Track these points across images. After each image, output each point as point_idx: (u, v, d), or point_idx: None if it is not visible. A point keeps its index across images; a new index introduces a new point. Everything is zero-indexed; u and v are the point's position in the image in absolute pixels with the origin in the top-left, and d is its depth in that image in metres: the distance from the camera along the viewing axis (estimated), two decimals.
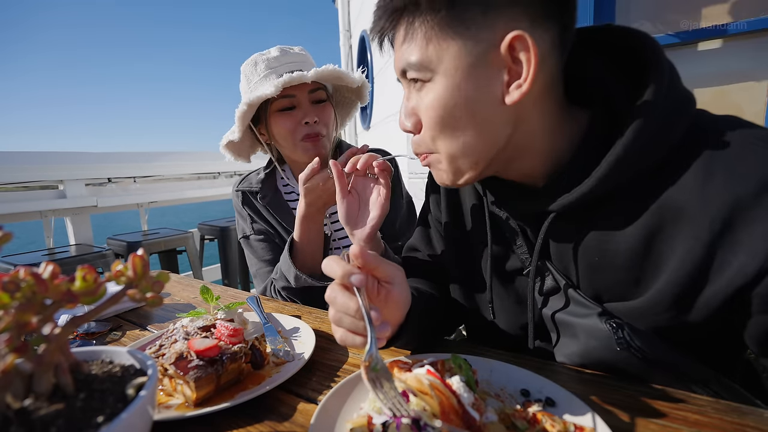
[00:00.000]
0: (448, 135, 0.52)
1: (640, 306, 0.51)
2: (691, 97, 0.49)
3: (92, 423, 0.31)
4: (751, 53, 1.39)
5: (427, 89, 0.51)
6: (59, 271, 0.34)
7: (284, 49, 1.01)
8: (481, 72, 0.48)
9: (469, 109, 0.49)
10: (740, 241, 0.43)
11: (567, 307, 0.58)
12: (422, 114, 0.53)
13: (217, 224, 3.54)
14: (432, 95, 0.51)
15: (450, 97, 0.49)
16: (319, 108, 1.00)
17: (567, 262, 0.57)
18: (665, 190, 0.47)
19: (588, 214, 0.52)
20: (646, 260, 0.50)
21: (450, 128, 0.51)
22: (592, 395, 0.51)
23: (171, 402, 0.53)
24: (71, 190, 3.11)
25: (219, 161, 4.57)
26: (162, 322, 0.85)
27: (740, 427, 0.44)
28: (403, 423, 0.39)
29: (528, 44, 0.45)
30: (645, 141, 0.46)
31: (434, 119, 0.51)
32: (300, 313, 0.84)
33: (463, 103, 0.49)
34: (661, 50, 0.49)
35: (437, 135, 0.52)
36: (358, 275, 0.45)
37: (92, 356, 0.42)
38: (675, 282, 0.47)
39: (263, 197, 1.10)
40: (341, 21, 4.69)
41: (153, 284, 0.36)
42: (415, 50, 0.50)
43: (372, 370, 0.42)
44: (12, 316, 0.31)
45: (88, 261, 2.61)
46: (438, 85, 0.50)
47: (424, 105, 0.52)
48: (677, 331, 0.50)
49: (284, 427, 0.48)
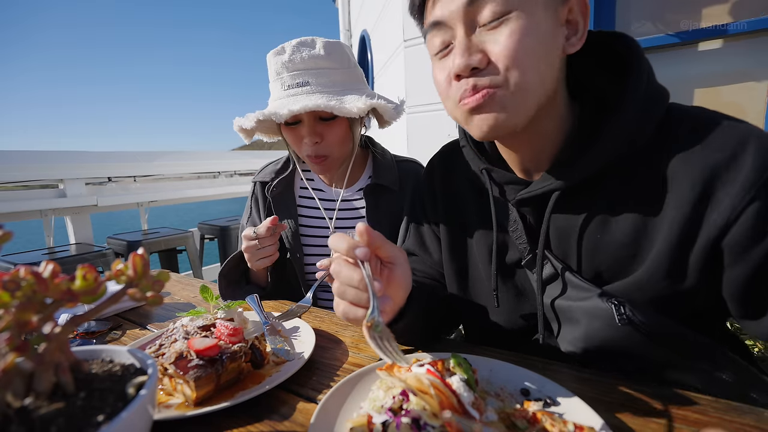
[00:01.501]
0: (527, 64, 0.51)
1: (639, 280, 0.54)
2: (665, 91, 0.55)
3: (92, 422, 0.31)
4: (751, 53, 1.39)
5: (505, 24, 0.50)
6: (59, 270, 0.34)
7: (299, 47, 0.90)
8: (553, 19, 0.52)
9: (546, 44, 0.52)
10: (717, 200, 0.48)
11: (565, 293, 0.60)
12: (498, 45, 0.51)
13: (217, 223, 3.54)
14: (511, 28, 0.50)
15: (533, 28, 0.50)
16: (324, 126, 0.93)
17: (568, 246, 0.59)
18: (653, 166, 0.53)
19: (588, 193, 0.56)
20: (642, 233, 0.54)
21: (530, 57, 0.51)
22: (592, 395, 0.51)
23: (171, 401, 0.53)
24: (71, 189, 3.11)
25: (219, 161, 4.57)
26: (162, 322, 0.85)
27: (740, 426, 0.44)
28: (403, 422, 0.39)
29: (587, 8, 0.53)
30: (631, 122, 0.53)
31: (516, 46, 0.50)
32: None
33: (542, 37, 0.51)
34: (639, 49, 0.56)
35: (515, 63, 0.51)
36: (363, 248, 0.48)
37: (92, 355, 0.42)
38: (667, 248, 0.51)
39: (271, 190, 1.07)
40: (341, 21, 4.69)
41: (153, 283, 0.36)
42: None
43: (374, 330, 0.45)
44: (12, 315, 0.31)
45: (89, 260, 2.61)
46: (520, 18, 0.50)
47: (502, 36, 0.51)
48: (676, 300, 0.53)
49: (284, 426, 0.49)
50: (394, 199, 1.04)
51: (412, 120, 2.36)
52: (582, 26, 0.53)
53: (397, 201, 1.03)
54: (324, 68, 0.91)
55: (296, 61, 0.89)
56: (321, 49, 0.90)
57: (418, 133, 2.37)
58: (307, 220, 1.08)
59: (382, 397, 0.45)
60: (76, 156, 3.30)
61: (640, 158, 0.54)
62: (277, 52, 0.92)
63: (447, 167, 0.79)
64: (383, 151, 1.11)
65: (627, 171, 0.54)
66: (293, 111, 0.84)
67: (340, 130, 0.94)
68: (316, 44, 0.91)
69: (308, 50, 0.90)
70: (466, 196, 0.73)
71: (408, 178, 1.06)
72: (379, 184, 1.02)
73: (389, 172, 1.05)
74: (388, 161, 1.08)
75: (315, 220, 1.08)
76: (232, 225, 3.49)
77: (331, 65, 0.92)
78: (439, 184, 0.78)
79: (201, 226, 3.67)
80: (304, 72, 0.90)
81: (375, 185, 1.03)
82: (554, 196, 0.57)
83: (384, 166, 1.06)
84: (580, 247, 0.58)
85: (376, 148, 1.11)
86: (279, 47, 0.92)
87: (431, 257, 0.80)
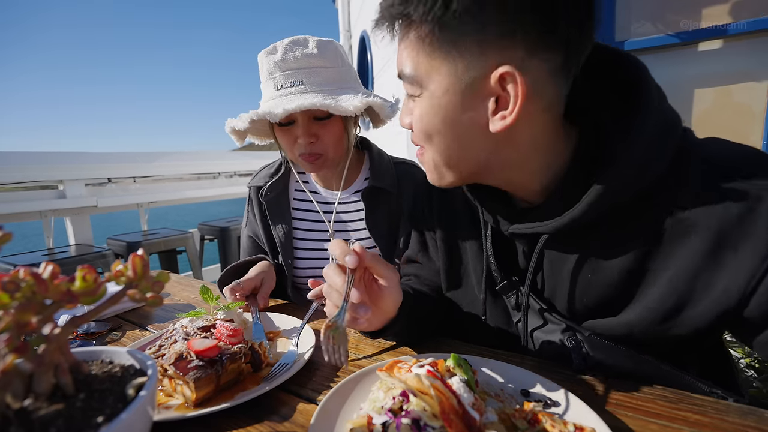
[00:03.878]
0: (432, 144, 0.54)
1: (628, 321, 0.53)
2: (677, 118, 0.50)
3: (92, 423, 0.31)
4: (751, 53, 1.39)
5: (417, 101, 0.53)
6: (59, 271, 0.34)
7: (291, 46, 0.89)
8: (468, 98, 0.48)
9: (453, 129, 0.51)
10: (729, 262, 0.46)
11: (545, 326, 0.61)
12: (413, 119, 0.55)
13: (217, 224, 3.54)
14: (419, 109, 0.53)
15: (435, 114, 0.51)
16: (318, 125, 0.91)
17: (558, 280, 0.58)
18: (659, 210, 0.50)
19: (582, 234, 0.53)
20: (639, 276, 0.52)
21: (433, 140, 0.53)
22: (592, 395, 0.51)
23: (171, 402, 0.53)
24: (71, 190, 3.11)
25: (219, 161, 4.57)
26: (162, 322, 0.85)
27: (741, 427, 0.43)
28: (403, 423, 0.39)
29: (516, 80, 0.45)
30: (635, 167, 0.47)
31: (420, 129, 0.54)
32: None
33: (449, 123, 0.51)
34: (647, 72, 0.51)
35: (425, 141, 0.55)
36: (353, 257, 0.52)
37: (92, 356, 0.42)
38: (669, 296, 0.49)
39: (265, 194, 1.05)
40: (341, 21, 4.69)
41: (153, 284, 0.36)
42: (408, 61, 0.51)
43: (332, 330, 0.52)
44: (12, 316, 0.31)
45: (88, 261, 2.61)
46: (425, 101, 0.51)
47: (415, 112, 0.54)
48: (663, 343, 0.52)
49: (284, 427, 0.48)
50: (392, 201, 1.02)
51: None
52: (513, 102, 0.46)
53: (396, 203, 1.03)
54: (317, 67, 0.89)
55: (289, 60, 0.87)
56: (314, 48, 0.89)
57: None
58: (303, 224, 1.07)
59: (382, 397, 0.45)
60: (76, 157, 3.30)
61: (643, 198, 0.50)
62: (269, 51, 0.90)
63: None
64: (379, 153, 1.10)
65: (627, 213, 0.51)
66: (288, 110, 0.82)
67: (335, 129, 0.93)
68: (309, 43, 0.90)
69: (301, 49, 0.88)
70: (461, 210, 0.73)
71: (406, 180, 1.05)
72: (376, 187, 1.01)
73: (387, 175, 1.03)
74: (385, 163, 1.07)
75: (311, 223, 1.07)
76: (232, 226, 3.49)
77: (324, 64, 0.90)
78: (436, 194, 0.78)
79: (201, 227, 3.67)
80: (297, 71, 0.88)
81: (373, 188, 1.01)
82: (543, 239, 0.55)
83: (381, 168, 1.04)
84: (571, 281, 0.57)
85: (372, 149, 1.09)
86: (271, 46, 0.90)
87: (433, 265, 0.80)
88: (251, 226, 1.11)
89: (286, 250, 1.03)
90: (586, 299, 0.56)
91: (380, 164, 1.05)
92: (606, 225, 0.52)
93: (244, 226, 1.13)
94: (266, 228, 1.07)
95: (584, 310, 0.57)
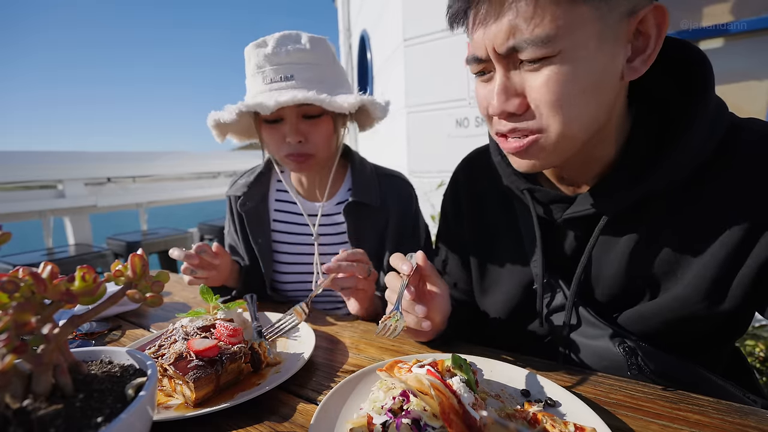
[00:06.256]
0: (570, 111, 0.47)
1: (673, 298, 0.53)
2: (724, 105, 0.53)
3: (91, 423, 0.31)
4: (751, 53, 1.39)
5: (549, 65, 0.45)
6: (58, 271, 0.34)
7: (283, 40, 0.85)
8: (610, 44, 0.45)
9: (596, 83, 0.46)
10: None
11: (579, 327, 0.60)
12: (538, 92, 0.47)
13: (216, 224, 3.54)
14: (557, 70, 0.45)
15: (580, 70, 0.45)
16: (308, 124, 0.88)
17: (605, 264, 0.58)
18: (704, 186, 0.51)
19: (641, 210, 0.54)
20: (684, 252, 0.52)
21: (574, 104, 0.47)
22: (592, 395, 0.51)
23: (170, 402, 0.53)
24: (70, 190, 3.11)
25: (219, 161, 4.57)
26: (161, 322, 0.84)
27: (741, 427, 0.43)
28: (403, 423, 0.39)
29: (665, 17, 0.46)
30: (700, 141, 0.50)
31: (558, 95, 0.46)
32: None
33: (593, 77, 0.46)
34: (708, 62, 0.53)
35: (556, 113, 0.47)
36: (408, 265, 0.60)
37: (91, 356, 0.42)
38: (714, 267, 0.50)
39: (243, 204, 1.00)
40: (341, 21, 4.69)
41: (152, 284, 0.36)
42: (542, 21, 0.44)
43: (391, 319, 0.57)
44: (11, 316, 0.31)
45: (88, 261, 2.61)
46: (566, 58, 0.45)
47: (542, 81, 0.46)
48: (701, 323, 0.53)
49: (284, 427, 0.48)
50: (375, 216, 0.98)
51: (412, 119, 2.36)
52: (653, 42, 0.46)
53: (380, 217, 0.98)
54: (309, 63, 0.86)
55: (281, 54, 0.84)
56: (306, 43, 0.86)
57: (418, 132, 2.37)
58: (282, 236, 1.02)
59: (382, 397, 0.44)
60: (75, 156, 3.30)
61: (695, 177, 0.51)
62: (258, 44, 0.86)
63: (472, 180, 0.78)
64: (361, 162, 1.05)
65: (676, 190, 0.52)
66: (281, 102, 0.78)
67: (324, 129, 0.89)
68: (302, 38, 0.87)
69: (293, 44, 0.85)
70: (495, 210, 0.72)
71: (392, 194, 1.00)
72: (358, 202, 0.96)
73: (369, 188, 0.98)
74: (367, 175, 1.01)
75: (291, 236, 1.02)
76: None
77: (316, 60, 0.87)
78: (465, 197, 0.77)
79: (201, 227, 3.66)
80: (288, 66, 0.84)
81: (354, 203, 0.96)
82: (603, 220, 0.55)
83: (363, 181, 0.99)
84: (618, 265, 0.56)
85: (354, 157, 1.05)
86: (260, 40, 0.86)
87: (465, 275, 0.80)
88: (231, 234, 1.07)
89: (265, 260, 0.99)
90: (631, 282, 0.56)
91: (362, 175, 1.01)
92: (663, 199, 0.53)
93: (226, 232, 1.10)
94: (245, 238, 1.02)
95: (626, 297, 0.57)
